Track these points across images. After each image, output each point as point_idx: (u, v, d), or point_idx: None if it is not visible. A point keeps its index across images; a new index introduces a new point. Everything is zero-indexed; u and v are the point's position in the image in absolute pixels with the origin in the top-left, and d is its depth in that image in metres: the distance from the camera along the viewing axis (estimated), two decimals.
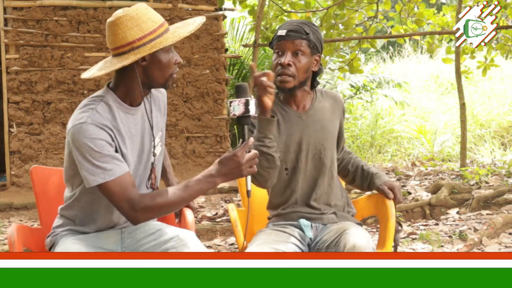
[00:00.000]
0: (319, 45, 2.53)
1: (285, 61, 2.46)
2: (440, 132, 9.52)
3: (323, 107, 2.60)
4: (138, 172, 2.22)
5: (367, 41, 7.11)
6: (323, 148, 2.56)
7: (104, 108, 2.10)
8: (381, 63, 13.39)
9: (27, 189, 6.26)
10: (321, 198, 2.57)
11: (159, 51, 2.07)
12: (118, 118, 2.12)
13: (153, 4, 6.65)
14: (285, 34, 2.47)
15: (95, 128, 2.04)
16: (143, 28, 2.04)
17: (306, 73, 2.51)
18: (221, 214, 5.27)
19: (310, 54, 2.50)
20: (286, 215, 2.58)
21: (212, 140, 6.83)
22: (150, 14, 2.08)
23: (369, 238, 2.35)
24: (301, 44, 2.47)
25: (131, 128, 2.16)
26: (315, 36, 2.50)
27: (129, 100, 2.15)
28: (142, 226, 2.31)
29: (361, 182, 2.71)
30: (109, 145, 2.06)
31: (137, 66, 2.07)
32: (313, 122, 2.57)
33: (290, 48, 2.47)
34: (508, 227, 4.47)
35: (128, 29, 2.04)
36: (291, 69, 2.47)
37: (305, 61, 2.49)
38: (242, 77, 9.45)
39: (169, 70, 2.12)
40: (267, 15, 7.04)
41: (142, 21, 2.04)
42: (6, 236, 4.54)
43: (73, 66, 6.42)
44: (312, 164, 2.56)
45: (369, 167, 2.71)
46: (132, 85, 2.12)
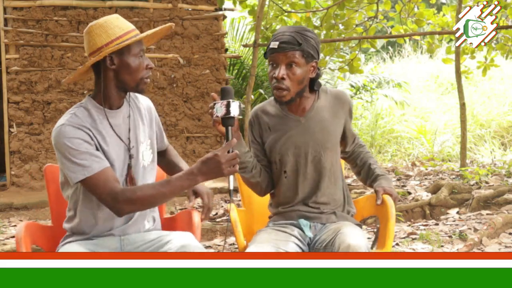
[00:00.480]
0: (314, 52, 2.49)
1: (279, 75, 2.43)
2: (440, 132, 9.52)
3: (323, 108, 2.58)
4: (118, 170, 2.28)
5: (367, 41, 7.11)
6: (323, 149, 2.55)
7: (82, 112, 2.23)
8: (381, 63, 13.39)
9: (27, 189, 6.26)
10: (321, 199, 2.57)
11: (127, 56, 2.20)
12: (98, 119, 2.24)
13: (153, 4, 6.65)
14: (278, 47, 2.43)
15: (72, 129, 2.17)
16: (110, 34, 2.18)
17: (301, 84, 2.49)
18: (221, 214, 5.27)
19: (305, 63, 2.46)
20: (286, 214, 2.59)
21: (212, 140, 6.83)
22: (118, 22, 2.22)
23: (364, 238, 2.35)
24: (294, 55, 2.43)
25: (110, 129, 2.25)
26: (308, 44, 2.45)
27: (108, 103, 2.27)
28: (142, 234, 2.34)
29: (366, 178, 2.74)
30: (87, 143, 2.17)
31: (108, 70, 2.21)
32: (313, 124, 2.56)
33: (283, 61, 2.44)
34: (508, 227, 4.47)
35: (97, 36, 2.19)
36: (285, 82, 2.44)
37: (300, 72, 2.45)
38: (242, 77, 9.45)
39: (138, 74, 2.22)
40: (267, 15, 7.04)
41: (109, 28, 2.19)
42: (14, 234, 4.54)
43: (73, 66, 6.42)
44: (312, 167, 2.56)
45: (376, 167, 2.71)
46: (107, 89, 2.24)
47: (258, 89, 9.19)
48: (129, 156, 2.30)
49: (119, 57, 2.19)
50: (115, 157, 2.26)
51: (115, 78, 2.22)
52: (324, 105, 2.59)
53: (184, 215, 2.61)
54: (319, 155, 2.55)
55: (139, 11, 6.64)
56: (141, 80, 2.23)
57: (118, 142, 2.27)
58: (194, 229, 2.45)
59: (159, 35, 2.37)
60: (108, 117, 2.25)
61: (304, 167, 2.55)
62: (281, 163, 2.55)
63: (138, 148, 2.32)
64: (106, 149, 2.23)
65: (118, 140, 2.27)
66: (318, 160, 2.55)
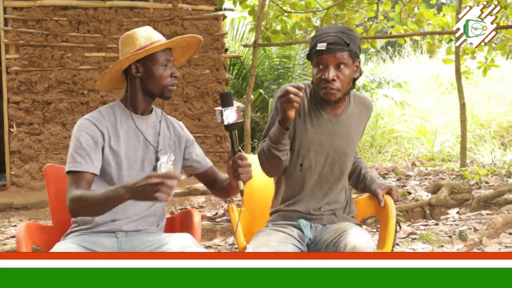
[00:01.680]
0: (359, 51, 2.49)
1: (329, 77, 2.40)
2: (440, 132, 9.52)
3: (352, 114, 2.59)
4: (133, 171, 2.35)
5: (367, 41, 7.11)
6: (344, 154, 2.55)
7: (107, 111, 2.38)
8: (381, 63, 13.40)
9: (27, 189, 6.26)
10: (328, 201, 2.57)
11: (151, 64, 2.33)
12: (119, 120, 2.36)
13: (153, 4, 6.66)
14: (326, 48, 2.40)
15: (89, 124, 2.31)
16: (136, 44, 2.33)
17: (349, 84, 2.49)
18: (221, 214, 5.27)
19: (351, 63, 2.45)
20: (285, 214, 2.58)
21: (212, 140, 6.83)
22: (146, 33, 2.36)
23: (370, 239, 2.35)
24: (343, 56, 2.41)
25: (129, 131, 2.36)
26: (355, 44, 2.44)
27: (133, 108, 2.40)
28: (140, 237, 2.36)
29: (356, 182, 2.74)
30: (93, 142, 2.28)
31: (135, 78, 2.35)
32: (341, 128, 2.55)
33: (332, 62, 2.41)
34: (508, 227, 4.47)
35: (125, 45, 2.36)
36: (336, 84, 2.42)
37: (348, 72, 2.44)
38: (242, 77, 9.45)
39: (163, 82, 2.34)
40: (267, 15, 7.04)
41: (136, 38, 2.34)
42: (14, 234, 4.54)
43: (73, 66, 6.42)
44: (329, 168, 2.55)
45: (367, 171, 2.73)
46: (133, 94, 2.38)
47: (258, 89, 9.19)
48: (155, 159, 2.39)
49: (144, 65, 2.33)
50: (131, 157, 2.35)
51: (141, 85, 2.36)
52: (353, 111, 2.59)
53: (184, 215, 2.60)
54: (339, 158, 2.55)
55: (139, 11, 6.64)
56: (166, 87, 2.35)
57: (137, 146, 2.36)
58: (194, 229, 2.44)
59: (193, 48, 2.48)
60: (131, 120, 2.37)
61: (321, 167, 2.54)
62: (299, 155, 2.52)
63: (157, 158, 2.39)
64: (116, 148, 2.32)
65: (138, 145, 2.36)
66: (337, 163, 2.55)
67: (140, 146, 2.37)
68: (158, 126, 2.43)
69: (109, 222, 2.33)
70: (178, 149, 2.49)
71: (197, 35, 2.46)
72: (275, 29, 7.10)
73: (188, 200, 5.83)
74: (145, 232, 2.37)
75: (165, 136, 2.44)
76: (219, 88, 6.81)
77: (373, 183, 2.68)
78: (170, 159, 2.43)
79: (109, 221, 2.33)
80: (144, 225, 2.38)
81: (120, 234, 2.33)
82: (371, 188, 2.67)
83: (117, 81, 2.44)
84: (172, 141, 2.47)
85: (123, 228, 2.34)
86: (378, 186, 2.65)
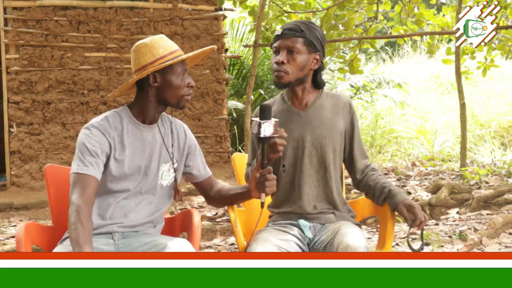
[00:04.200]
0: (318, 44, 2.53)
1: (279, 59, 2.49)
2: (440, 132, 9.52)
3: (323, 106, 2.60)
4: (135, 181, 2.37)
5: (367, 42, 7.11)
6: (320, 145, 2.54)
7: (115, 118, 2.37)
8: (381, 63, 13.40)
9: (27, 189, 6.26)
10: (318, 196, 2.56)
11: (169, 74, 2.32)
12: (125, 129, 2.36)
13: (153, 4, 6.66)
14: (281, 33, 2.51)
15: (97, 132, 2.30)
16: (155, 54, 2.31)
17: (302, 71, 2.52)
18: (221, 214, 5.27)
19: (306, 52, 2.51)
20: (285, 215, 2.58)
21: (212, 140, 6.83)
22: (163, 42, 2.34)
23: (363, 238, 2.34)
24: (296, 41, 2.49)
25: (135, 141, 2.36)
26: (312, 34, 2.51)
27: (142, 117, 2.39)
28: (138, 237, 2.36)
29: (378, 196, 2.57)
30: (100, 149, 2.28)
31: (151, 87, 2.34)
32: (312, 119, 2.56)
33: (285, 47, 2.50)
34: (508, 227, 4.47)
35: (142, 54, 2.32)
36: (284, 66, 2.49)
37: (301, 59, 2.50)
38: (242, 77, 9.45)
39: (180, 92, 2.35)
40: (267, 15, 7.04)
41: (154, 47, 2.32)
42: (14, 234, 4.53)
43: (73, 66, 6.42)
44: (308, 161, 2.55)
45: (391, 184, 2.57)
46: (145, 104, 2.37)
47: (258, 89, 9.19)
48: (157, 169, 2.40)
49: (162, 75, 2.32)
50: (135, 167, 2.35)
51: (156, 94, 2.35)
52: (325, 104, 2.61)
53: (184, 215, 2.60)
54: (317, 150, 2.55)
55: (139, 11, 6.64)
56: (182, 97, 2.36)
57: (142, 155, 2.37)
58: (194, 229, 2.44)
59: (202, 56, 2.49)
60: (138, 129, 2.37)
61: (301, 161, 2.55)
62: (280, 157, 2.54)
63: (159, 167, 2.40)
64: (121, 159, 2.32)
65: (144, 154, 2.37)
66: (316, 155, 2.55)
67: (145, 156, 2.38)
68: (164, 134, 2.43)
69: (106, 225, 2.34)
70: (181, 155, 2.50)
71: (214, 46, 2.49)
72: (275, 29, 7.10)
73: (188, 200, 5.83)
74: (142, 233, 2.37)
75: (169, 144, 2.45)
76: (219, 88, 6.81)
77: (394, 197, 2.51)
78: (172, 167, 2.44)
79: (106, 224, 2.34)
80: (142, 228, 2.39)
81: (117, 235, 2.34)
82: (391, 203, 2.52)
83: (126, 89, 2.44)
84: (175, 148, 2.48)
85: (120, 230, 2.34)
86: (399, 201, 2.49)
